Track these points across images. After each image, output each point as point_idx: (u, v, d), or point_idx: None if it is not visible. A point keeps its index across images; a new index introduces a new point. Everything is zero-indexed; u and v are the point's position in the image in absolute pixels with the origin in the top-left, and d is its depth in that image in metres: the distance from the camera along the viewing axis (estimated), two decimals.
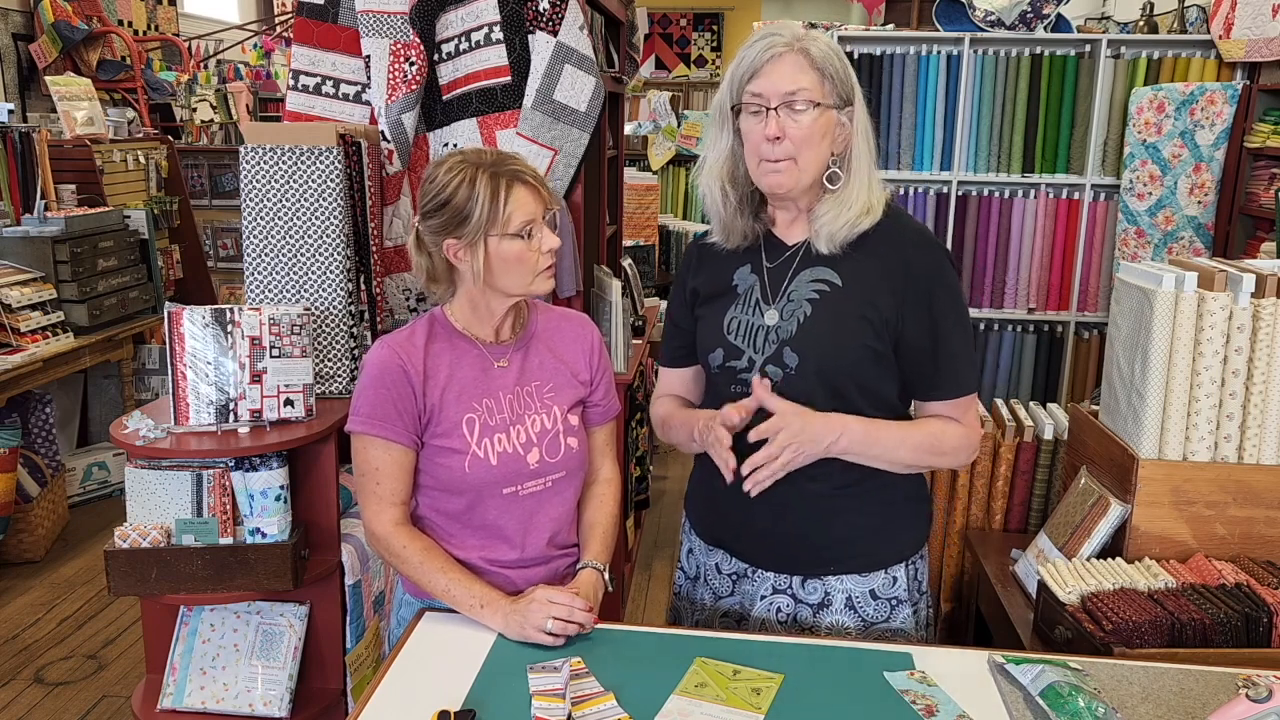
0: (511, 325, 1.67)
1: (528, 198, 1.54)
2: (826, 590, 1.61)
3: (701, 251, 1.69)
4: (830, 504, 1.57)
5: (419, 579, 1.59)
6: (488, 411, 1.61)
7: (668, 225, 6.16)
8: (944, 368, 1.55)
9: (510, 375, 1.64)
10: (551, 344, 1.69)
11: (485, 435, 1.60)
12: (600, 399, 1.73)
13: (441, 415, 1.59)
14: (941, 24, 4.07)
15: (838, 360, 1.52)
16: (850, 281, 1.53)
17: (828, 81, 1.48)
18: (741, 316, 1.59)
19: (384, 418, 1.57)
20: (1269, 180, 3.64)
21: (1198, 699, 1.37)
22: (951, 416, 1.58)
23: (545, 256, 1.57)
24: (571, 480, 1.68)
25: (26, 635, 3.27)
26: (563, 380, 1.67)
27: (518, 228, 1.53)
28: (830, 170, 1.52)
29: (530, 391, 1.64)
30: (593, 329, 1.76)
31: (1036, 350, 4.25)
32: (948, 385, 1.57)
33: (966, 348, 1.56)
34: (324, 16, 2.70)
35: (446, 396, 1.59)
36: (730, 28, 11.51)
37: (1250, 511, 1.87)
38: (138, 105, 6.18)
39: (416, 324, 1.64)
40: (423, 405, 1.58)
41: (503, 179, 1.54)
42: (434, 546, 1.60)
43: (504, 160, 1.56)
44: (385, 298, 2.74)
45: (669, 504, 4.47)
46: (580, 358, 1.71)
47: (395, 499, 1.60)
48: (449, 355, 1.62)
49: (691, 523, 1.75)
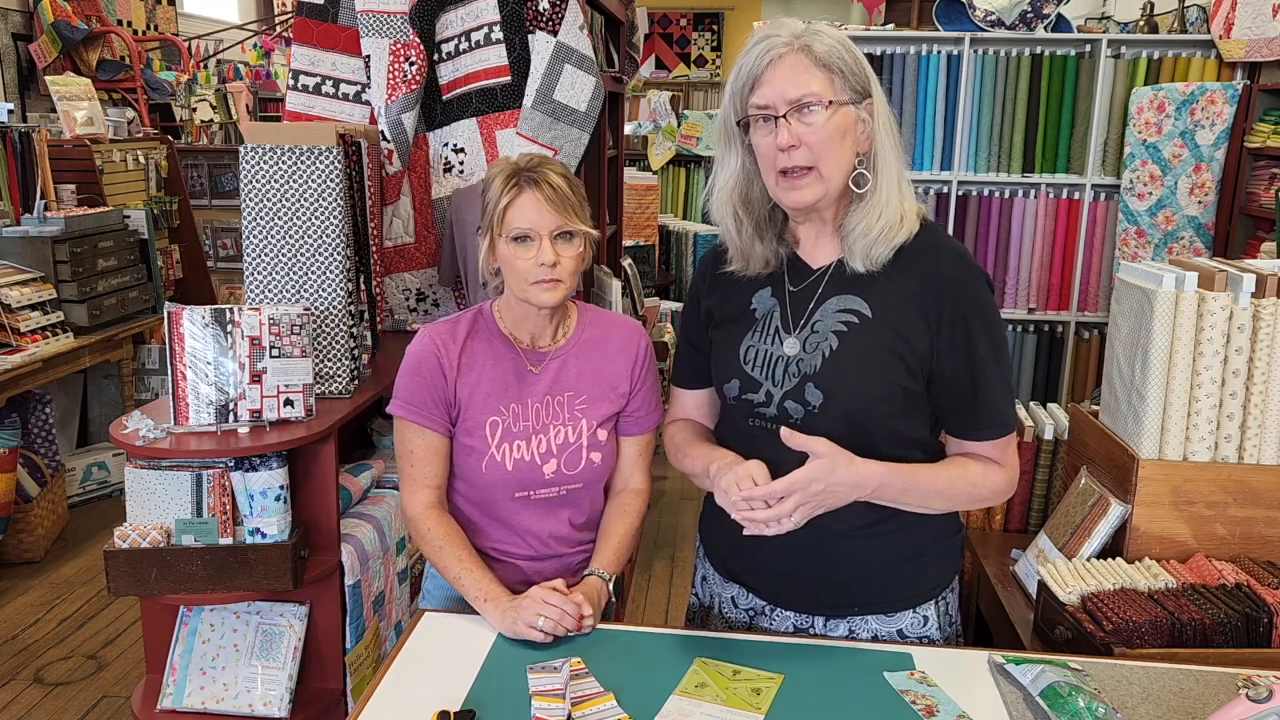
0: (552, 333, 1.67)
1: (530, 206, 1.53)
2: (851, 630, 1.51)
3: (717, 268, 1.55)
4: (854, 544, 1.46)
5: (437, 562, 1.63)
6: (513, 417, 1.62)
7: (668, 225, 6.16)
8: (983, 406, 1.42)
9: (542, 383, 1.64)
10: (594, 354, 1.68)
11: (506, 440, 1.61)
12: (637, 409, 1.71)
13: (468, 412, 1.62)
14: (941, 24, 4.07)
15: (867, 401, 1.39)
16: (880, 311, 1.40)
17: (837, 77, 1.34)
18: (759, 345, 1.46)
19: (421, 405, 1.62)
20: (1269, 180, 3.64)
21: (1198, 699, 1.37)
22: (991, 458, 1.45)
23: (540, 269, 1.54)
24: (589, 491, 1.68)
25: (26, 635, 3.26)
26: (599, 393, 1.66)
27: (513, 232, 1.54)
28: (857, 172, 1.38)
29: (561, 402, 1.65)
30: (641, 337, 1.73)
31: (1037, 350, 4.25)
32: (987, 425, 1.43)
33: (1006, 383, 1.43)
34: (324, 16, 2.70)
35: (476, 395, 1.62)
36: (730, 28, 11.51)
37: (1250, 511, 1.87)
38: (137, 105, 6.18)
39: (463, 316, 1.68)
40: (454, 398, 1.62)
41: (514, 181, 1.55)
42: (456, 534, 1.63)
43: (536, 166, 1.56)
44: (385, 298, 2.73)
45: (669, 504, 4.47)
46: (623, 368, 1.69)
47: (428, 482, 1.64)
48: (486, 354, 1.64)
49: (706, 551, 1.66)
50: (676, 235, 6.14)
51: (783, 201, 1.40)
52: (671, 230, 6.15)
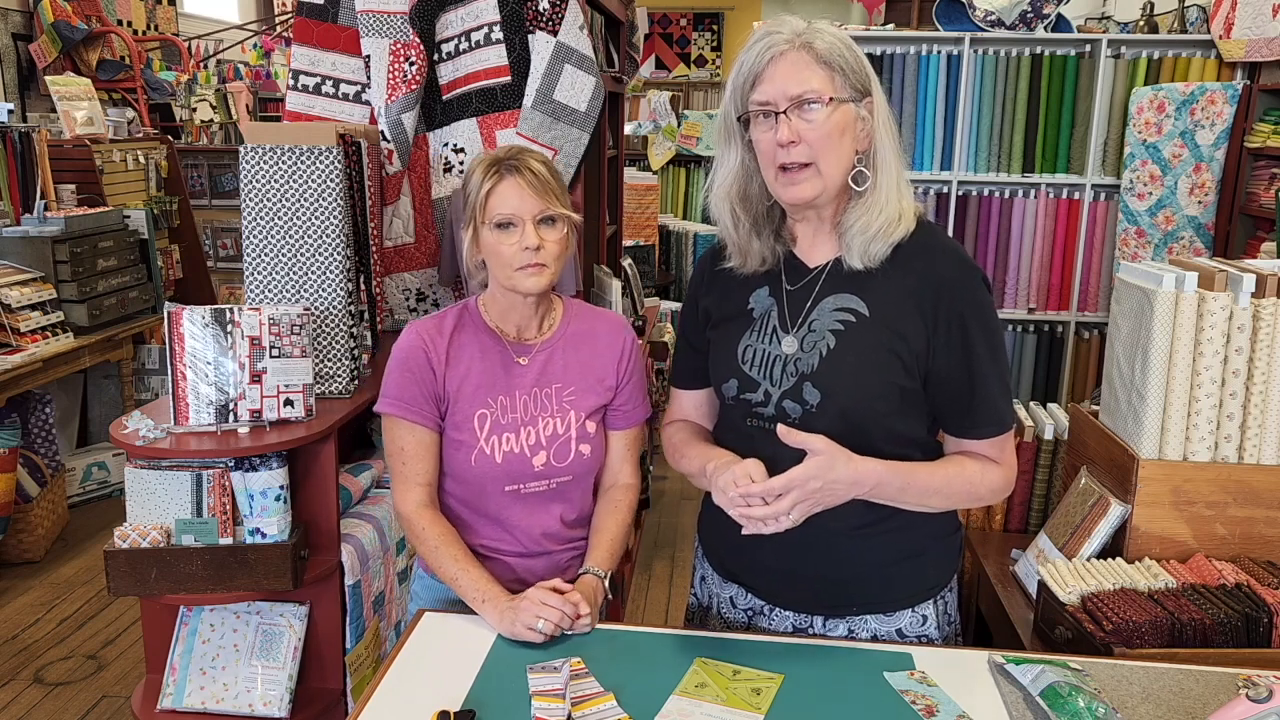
0: (538, 325, 1.67)
1: (511, 192, 1.55)
2: (850, 629, 1.52)
3: (715, 269, 1.55)
4: (852, 543, 1.46)
5: (432, 562, 1.62)
6: (501, 409, 1.62)
7: (668, 225, 6.16)
8: (980, 405, 1.42)
9: (530, 375, 1.65)
10: (580, 347, 1.69)
11: (495, 433, 1.61)
12: (624, 403, 1.71)
13: (457, 406, 1.62)
14: (941, 24, 4.07)
15: (863, 401, 1.39)
16: (877, 310, 1.40)
17: (838, 74, 1.35)
18: (757, 345, 1.47)
19: (409, 400, 1.61)
20: (1269, 180, 3.64)
21: (1198, 699, 1.37)
22: (988, 456, 1.45)
23: (524, 254, 1.55)
24: (579, 484, 1.68)
25: (26, 635, 3.26)
26: (586, 385, 1.67)
27: (496, 219, 1.56)
28: (856, 170, 1.38)
29: (549, 394, 1.65)
30: (626, 332, 1.74)
31: (1037, 350, 4.25)
32: (984, 423, 1.44)
33: (1003, 381, 1.44)
34: (324, 16, 2.70)
35: (464, 388, 1.62)
36: (730, 28, 11.51)
37: (1250, 511, 1.87)
38: (137, 105, 6.18)
39: (449, 311, 1.68)
40: (443, 392, 1.62)
41: (494, 169, 1.56)
42: (451, 533, 1.63)
43: (515, 155, 1.58)
44: (385, 298, 2.73)
45: (669, 504, 4.47)
46: (610, 362, 1.69)
47: (420, 479, 1.64)
48: (473, 347, 1.64)
49: (704, 551, 1.66)
50: (676, 235, 6.14)
51: (781, 197, 1.40)
52: (671, 230, 6.15)
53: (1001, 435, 1.46)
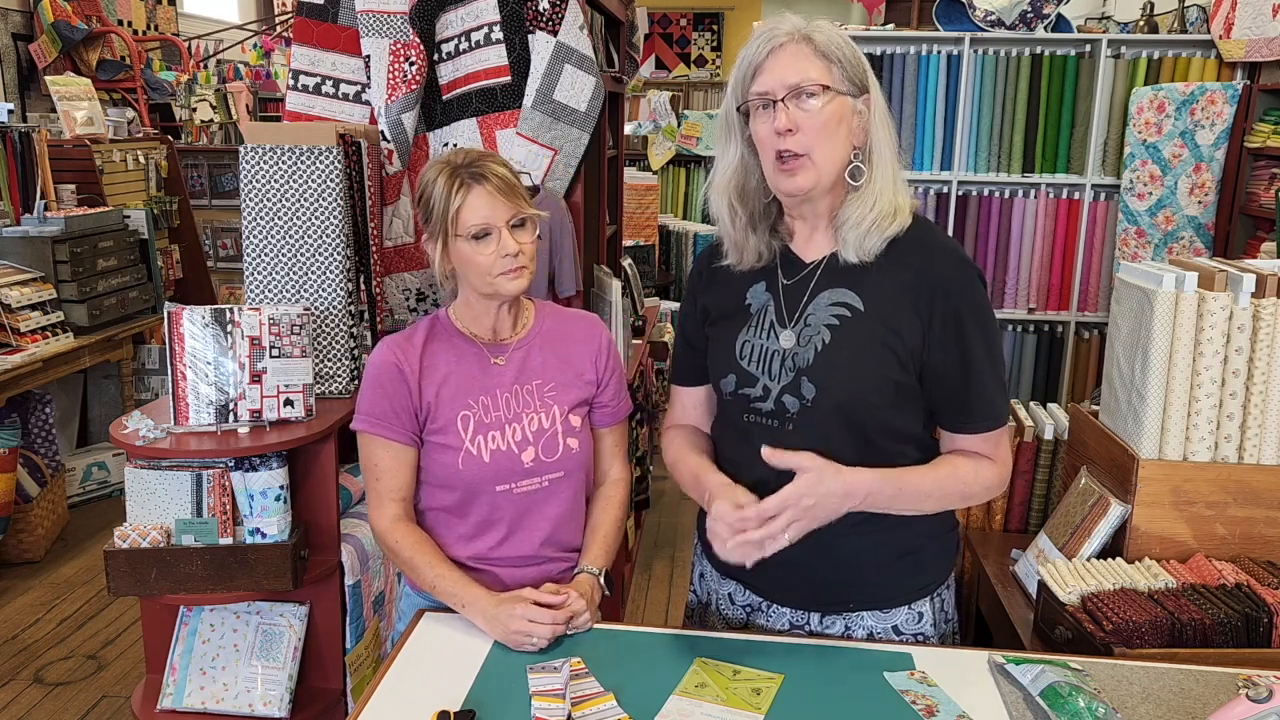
0: (511, 324, 1.67)
1: (482, 202, 1.54)
2: (847, 626, 1.52)
3: (712, 266, 1.56)
4: (849, 541, 1.46)
5: (410, 573, 1.62)
6: (483, 409, 1.61)
7: (668, 225, 6.16)
8: (975, 400, 1.44)
9: (509, 373, 1.64)
10: (557, 344, 1.69)
11: (480, 432, 1.60)
12: (609, 399, 1.72)
13: (438, 412, 1.61)
14: (941, 24, 4.07)
15: (858, 395, 1.41)
16: (872, 305, 1.42)
17: (836, 67, 1.37)
18: (755, 340, 1.48)
19: (382, 416, 1.60)
20: (1269, 180, 3.64)
21: (1198, 699, 1.37)
22: (982, 453, 1.47)
23: (504, 260, 1.55)
24: (570, 481, 1.67)
25: (26, 635, 3.27)
26: (566, 380, 1.67)
27: (469, 230, 1.54)
28: (852, 165, 1.40)
29: (530, 390, 1.64)
30: (602, 330, 1.75)
31: (1036, 350, 4.25)
32: (979, 419, 1.45)
33: (999, 377, 1.45)
34: (324, 16, 2.70)
35: (443, 394, 1.61)
36: (730, 28, 11.52)
37: (1250, 511, 1.87)
38: (137, 105, 6.18)
39: (419, 324, 1.67)
40: (419, 403, 1.61)
41: (458, 180, 1.54)
42: (425, 542, 1.62)
43: (475, 161, 1.56)
44: (385, 298, 2.73)
45: (669, 504, 4.47)
46: (587, 358, 1.70)
47: (394, 495, 1.63)
48: (447, 354, 1.63)
49: (704, 548, 1.65)
50: (676, 235, 6.14)
51: (778, 188, 1.42)
52: (671, 230, 6.15)
53: (996, 430, 1.47)
